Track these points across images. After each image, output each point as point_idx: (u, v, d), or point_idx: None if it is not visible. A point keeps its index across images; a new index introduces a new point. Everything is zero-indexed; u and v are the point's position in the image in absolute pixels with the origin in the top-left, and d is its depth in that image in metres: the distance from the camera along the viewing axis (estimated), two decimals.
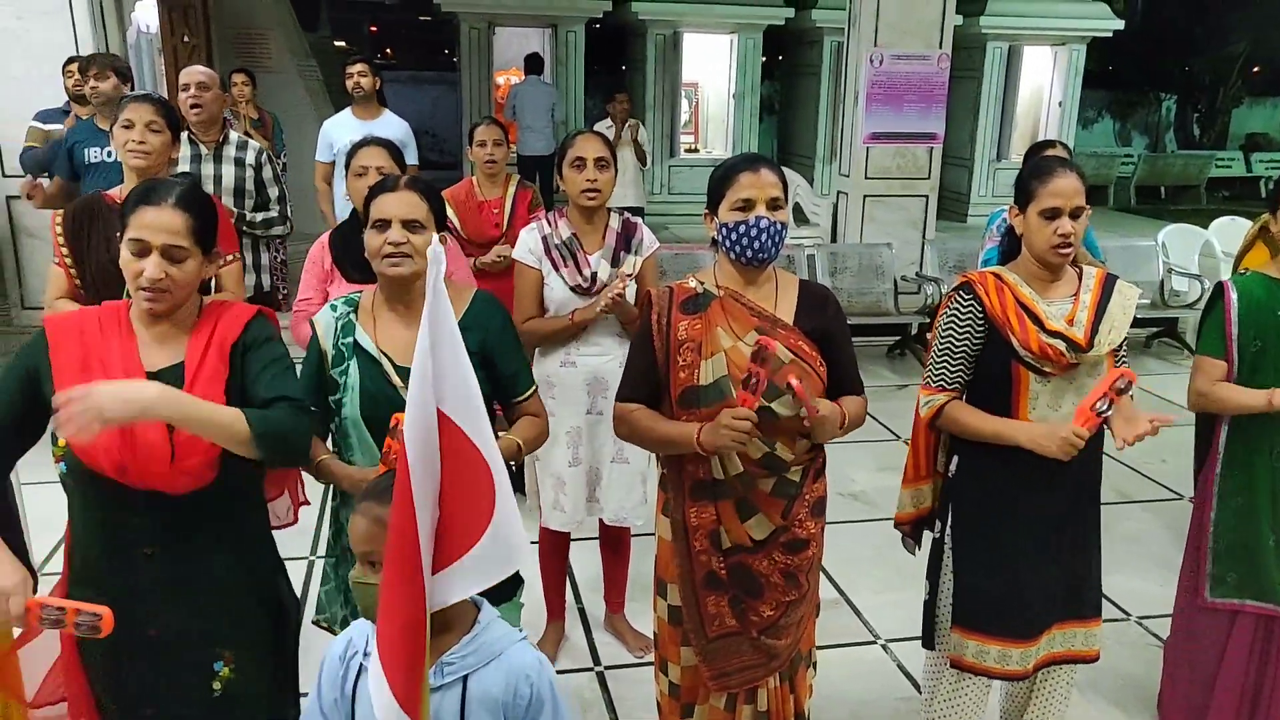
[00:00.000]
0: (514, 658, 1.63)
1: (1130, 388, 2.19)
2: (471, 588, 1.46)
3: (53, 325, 1.91)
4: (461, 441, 1.39)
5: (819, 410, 2.05)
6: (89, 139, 4.31)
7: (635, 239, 3.05)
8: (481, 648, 1.60)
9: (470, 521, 1.41)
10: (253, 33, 9.05)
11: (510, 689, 1.60)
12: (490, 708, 1.59)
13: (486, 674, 1.59)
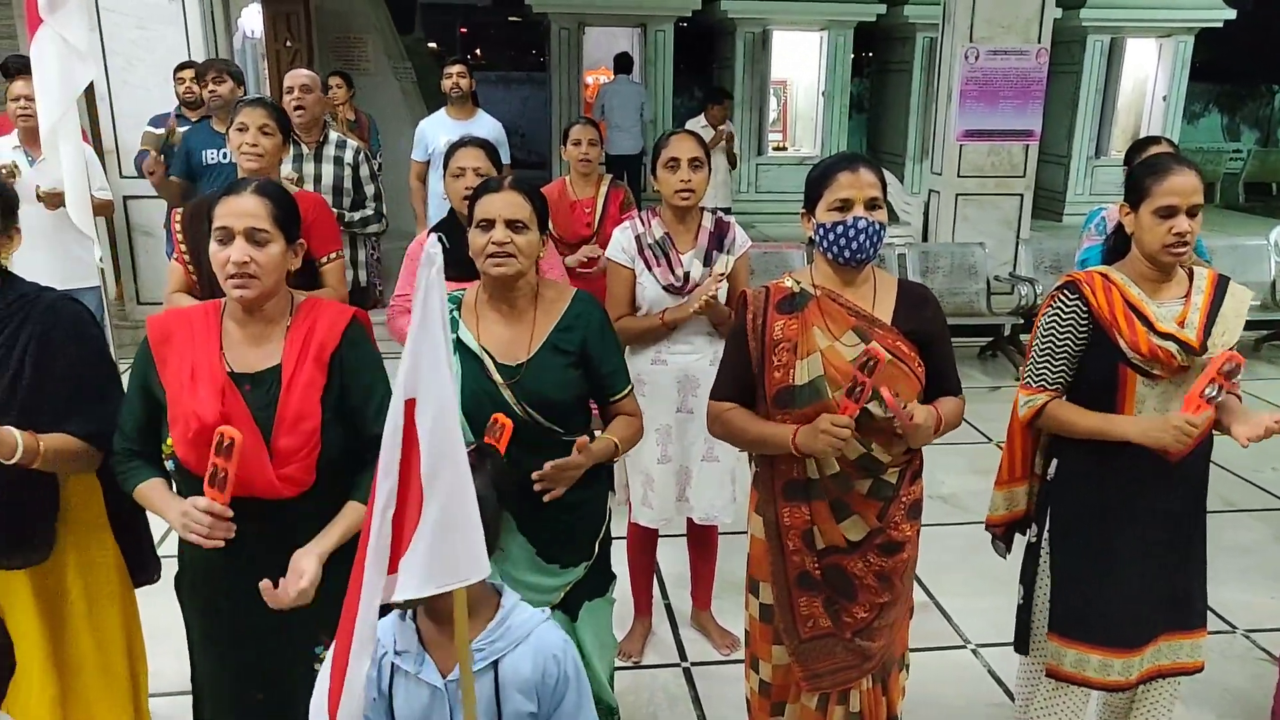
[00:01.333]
0: (541, 638, 1.66)
1: (1239, 370, 2.12)
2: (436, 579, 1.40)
3: (152, 329, 1.99)
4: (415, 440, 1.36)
5: (912, 417, 2.03)
6: (206, 141, 4.49)
7: (728, 238, 3.05)
8: (509, 631, 1.63)
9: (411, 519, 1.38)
10: (351, 36, 9.31)
11: (539, 669, 1.63)
12: (523, 689, 1.63)
13: (516, 656, 1.63)
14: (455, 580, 1.40)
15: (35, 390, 1.97)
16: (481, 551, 1.41)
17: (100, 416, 2.02)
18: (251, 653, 2.01)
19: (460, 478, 1.37)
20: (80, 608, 2.12)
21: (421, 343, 1.34)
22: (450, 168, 2.95)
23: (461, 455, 1.38)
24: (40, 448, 1.92)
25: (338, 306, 2.09)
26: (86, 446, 2.00)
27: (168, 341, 1.96)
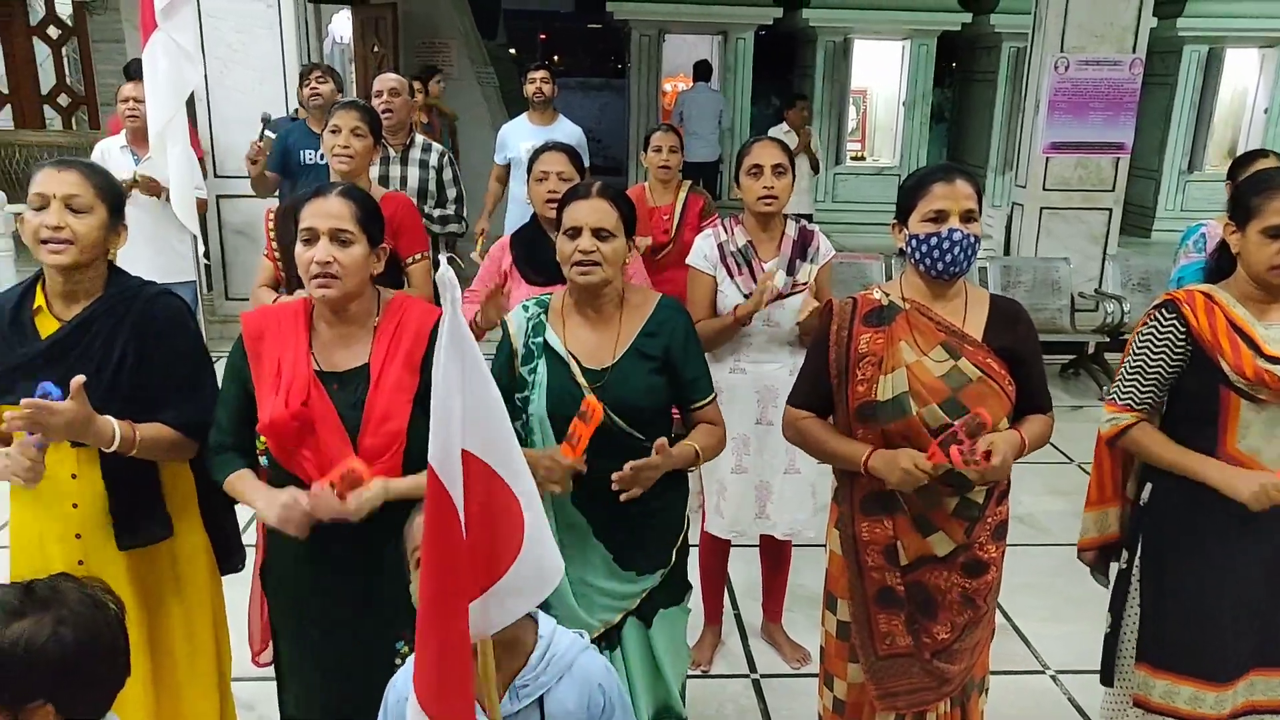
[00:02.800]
0: (584, 667, 1.62)
1: None
2: (510, 612, 1.47)
3: (246, 325, 2.05)
4: (490, 478, 1.40)
5: (989, 457, 1.98)
6: (304, 141, 4.59)
7: (812, 247, 3.02)
8: (552, 663, 1.59)
9: (504, 547, 1.43)
10: (436, 42, 9.48)
11: (584, 699, 1.60)
12: (566, 713, 1.59)
13: (560, 689, 1.59)
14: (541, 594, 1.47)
15: (136, 381, 2.03)
16: (554, 563, 1.47)
17: (195, 407, 2.07)
18: (335, 646, 2.05)
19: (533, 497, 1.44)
20: (173, 592, 2.19)
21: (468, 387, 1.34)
22: (534, 172, 2.98)
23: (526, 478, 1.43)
24: (136, 437, 1.98)
25: (425, 306, 2.12)
26: (181, 436, 2.06)
27: (260, 338, 2.01)
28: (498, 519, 1.42)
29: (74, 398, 1.86)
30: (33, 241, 1.98)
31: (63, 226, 1.96)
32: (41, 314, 2.04)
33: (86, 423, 1.90)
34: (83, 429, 1.90)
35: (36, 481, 1.92)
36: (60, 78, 7.68)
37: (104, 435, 1.94)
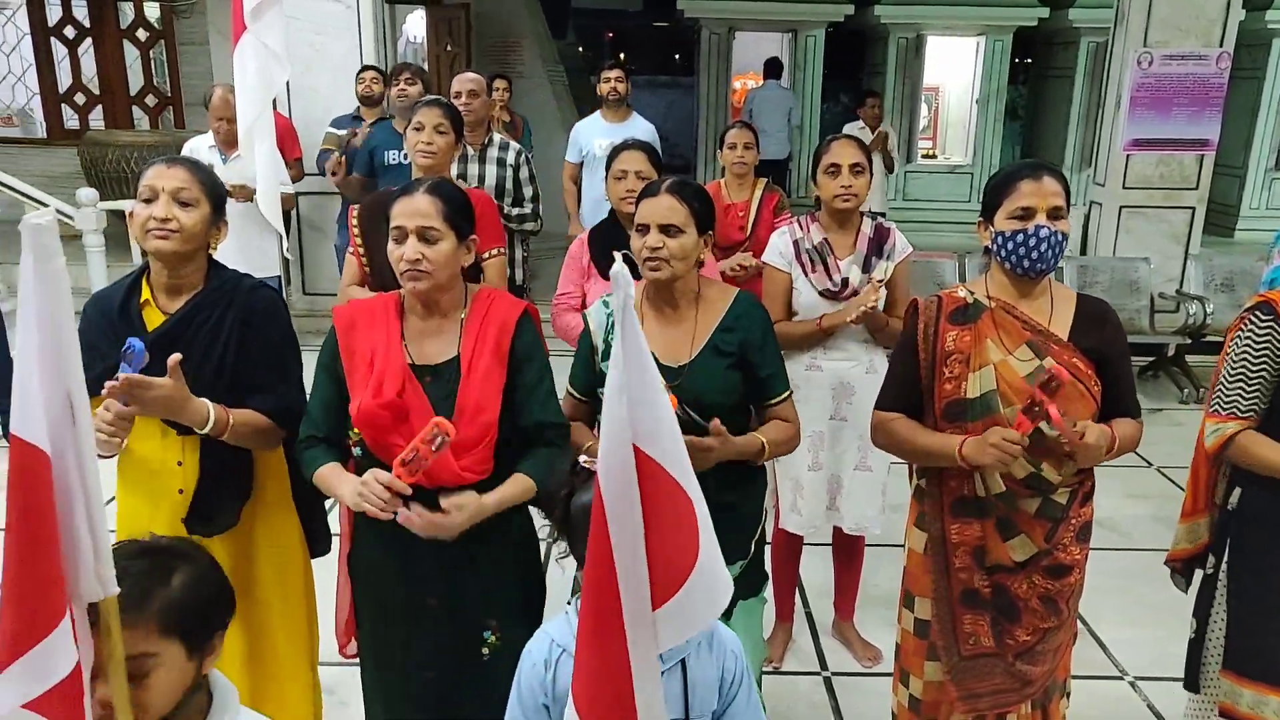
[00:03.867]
0: (718, 635, 1.68)
1: None
2: (688, 629, 1.38)
3: (338, 319, 2.10)
4: (663, 478, 1.31)
5: (1082, 436, 1.95)
6: (388, 142, 4.69)
7: (888, 244, 3.01)
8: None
9: (678, 560, 1.33)
10: (508, 41, 9.59)
11: (719, 665, 1.65)
12: (708, 686, 1.64)
13: (700, 656, 1.65)
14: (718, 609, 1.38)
15: (235, 369, 2.11)
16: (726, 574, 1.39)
17: (284, 394, 2.14)
18: (422, 634, 2.09)
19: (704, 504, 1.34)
20: (268, 575, 2.27)
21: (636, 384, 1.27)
22: (613, 170, 3.01)
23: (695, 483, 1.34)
24: (230, 420, 2.04)
25: (510, 299, 2.16)
26: (271, 423, 2.13)
27: (353, 329, 2.07)
28: (671, 526, 1.32)
29: (171, 375, 1.92)
30: (140, 232, 2.07)
31: (170, 219, 2.05)
32: (148, 307, 2.13)
33: (182, 402, 1.96)
34: (178, 408, 1.96)
35: (114, 451, 1.97)
36: (148, 79, 7.95)
37: (198, 416, 1.99)
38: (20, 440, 1.20)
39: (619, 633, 1.31)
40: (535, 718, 1.67)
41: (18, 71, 8.30)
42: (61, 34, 7.76)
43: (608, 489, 1.29)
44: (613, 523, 1.29)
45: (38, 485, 1.21)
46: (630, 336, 1.26)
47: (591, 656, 1.34)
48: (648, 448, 1.29)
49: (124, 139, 7.21)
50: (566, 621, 1.69)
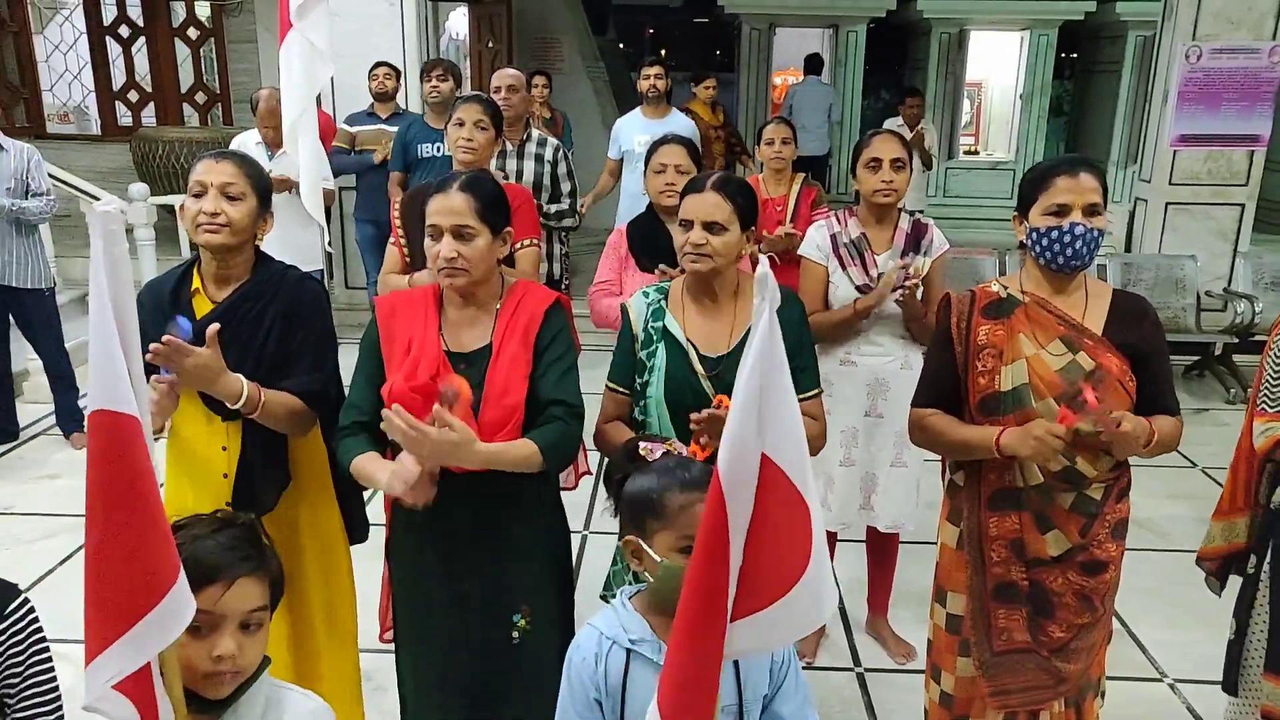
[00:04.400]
0: None
1: None
2: (779, 639, 1.38)
3: (379, 308, 2.15)
4: (784, 485, 1.29)
5: (1120, 425, 1.93)
6: (421, 135, 4.78)
7: (925, 240, 3.00)
8: None
9: (783, 569, 1.31)
10: (549, 38, 9.64)
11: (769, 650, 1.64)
12: (760, 670, 1.65)
13: None
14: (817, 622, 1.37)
15: (275, 357, 2.17)
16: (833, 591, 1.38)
17: (317, 379, 2.19)
18: (456, 618, 2.13)
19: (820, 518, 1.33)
20: (310, 562, 2.32)
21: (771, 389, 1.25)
22: (652, 164, 3.03)
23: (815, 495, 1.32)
24: (261, 398, 2.09)
25: (544, 291, 2.19)
26: (302, 405, 2.17)
27: (393, 317, 2.11)
28: (784, 534, 1.30)
29: (208, 345, 1.97)
30: (191, 226, 2.14)
31: (218, 213, 2.11)
32: (198, 296, 2.20)
33: (218, 373, 2.01)
34: (213, 378, 2.01)
35: (162, 418, 2.04)
36: (198, 77, 8.10)
37: (231, 389, 2.04)
38: (107, 412, 1.25)
39: (719, 634, 1.30)
40: (587, 713, 1.65)
41: (74, 70, 8.50)
42: (116, 33, 7.94)
43: (731, 494, 1.27)
44: (734, 530, 1.27)
45: (135, 450, 1.27)
46: (770, 341, 1.24)
47: (684, 654, 1.32)
48: (775, 456, 1.28)
49: (173, 135, 7.36)
50: (614, 614, 1.68)
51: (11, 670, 1.55)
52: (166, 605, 1.28)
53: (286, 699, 1.53)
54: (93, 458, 1.28)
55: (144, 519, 1.27)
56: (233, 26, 7.83)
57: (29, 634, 1.58)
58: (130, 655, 1.27)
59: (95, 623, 1.29)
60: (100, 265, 1.24)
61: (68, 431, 4.91)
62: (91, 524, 1.28)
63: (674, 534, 1.56)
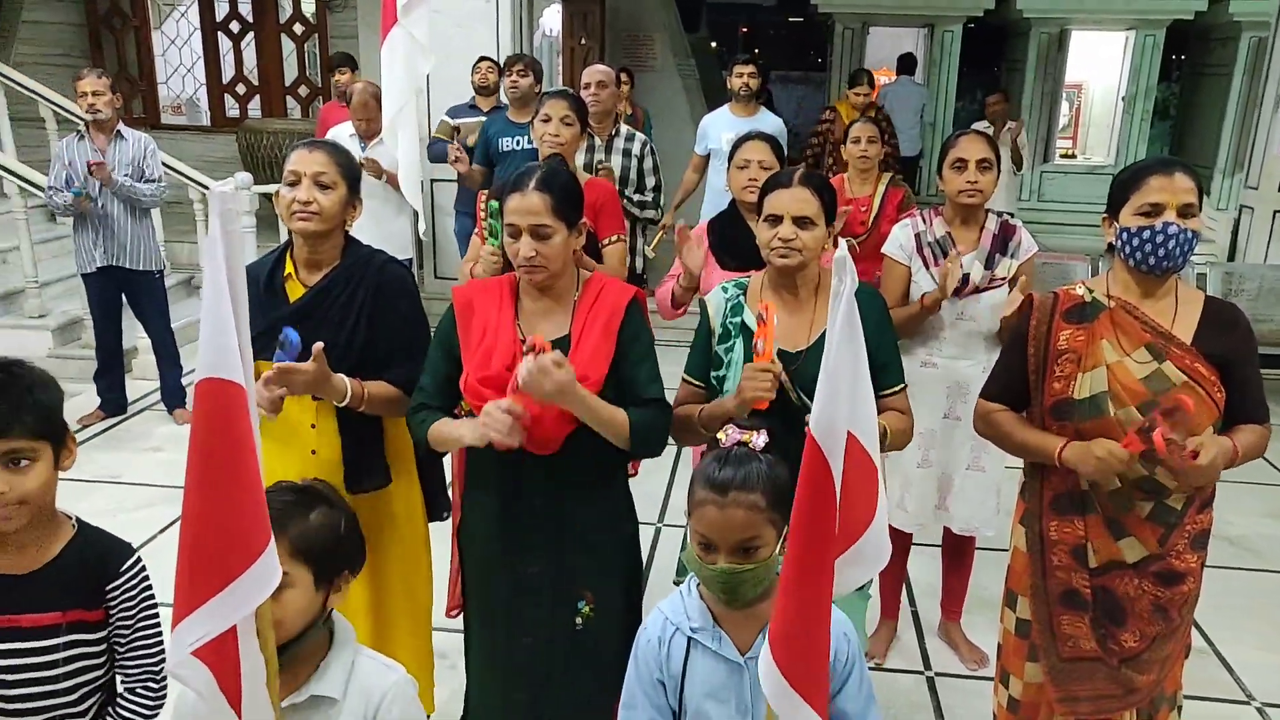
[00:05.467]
0: (834, 617, 1.67)
1: None
2: (860, 576, 1.63)
3: (457, 298, 2.21)
4: (861, 455, 1.52)
5: (1195, 455, 1.87)
6: (503, 130, 4.88)
7: (1013, 242, 2.96)
8: None
9: (860, 517, 1.55)
10: (640, 35, 9.70)
11: (833, 646, 1.65)
12: None
13: None
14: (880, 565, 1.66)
15: (366, 339, 2.27)
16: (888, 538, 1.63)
17: (415, 367, 2.26)
18: (521, 601, 2.17)
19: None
20: (393, 535, 2.42)
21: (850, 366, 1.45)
22: (735, 159, 3.05)
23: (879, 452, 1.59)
24: (365, 393, 2.21)
25: (621, 284, 2.23)
26: (401, 394, 2.27)
27: (470, 307, 2.17)
28: (858, 488, 1.53)
29: (315, 360, 2.09)
30: (285, 213, 2.24)
31: (311, 201, 2.21)
32: (290, 280, 2.31)
33: (324, 381, 2.14)
34: (320, 386, 2.14)
35: (277, 413, 2.15)
36: (301, 70, 8.39)
37: (338, 391, 2.18)
38: (216, 380, 1.33)
39: (825, 592, 1.46)
40: (652, 692, 1.72)
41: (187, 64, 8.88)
42: (227, 28, 8.27)
43: (833, 457, 1.43)
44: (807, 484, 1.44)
45: (239, 418, 1.35)
46: (850, 325, 1.34)
47: (795, 615, 1.45)
48: (858, 431, 1.49)
49: (277, 126, 7.64)
50: (680, 600, 1.73)
51: (123, 623, 1.67)
52: (256, 569, 1.35)
53: (371, 668, 1.62)
54: (197, 424, 1.36)
55: (242, 484, 1.35)
56: (335, 22, 8.08)
57: (140, 590, 1.70)
58: (218, 618, 1.34)
59: (184, 586, 1.36)
60: (218, 241, 1.31)
61: (171, 407, 5.16)
62: (191, 488, 1.36)
63: (693, 526, 1.62)
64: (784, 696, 1.44)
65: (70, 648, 1.63)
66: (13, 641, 1.60)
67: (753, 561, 1.58)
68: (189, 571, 1.36)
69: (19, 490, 1.52)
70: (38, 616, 1.60)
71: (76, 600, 1.63)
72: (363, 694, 1.58)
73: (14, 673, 1.60)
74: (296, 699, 1.55)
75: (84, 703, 1.67)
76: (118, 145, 4.74)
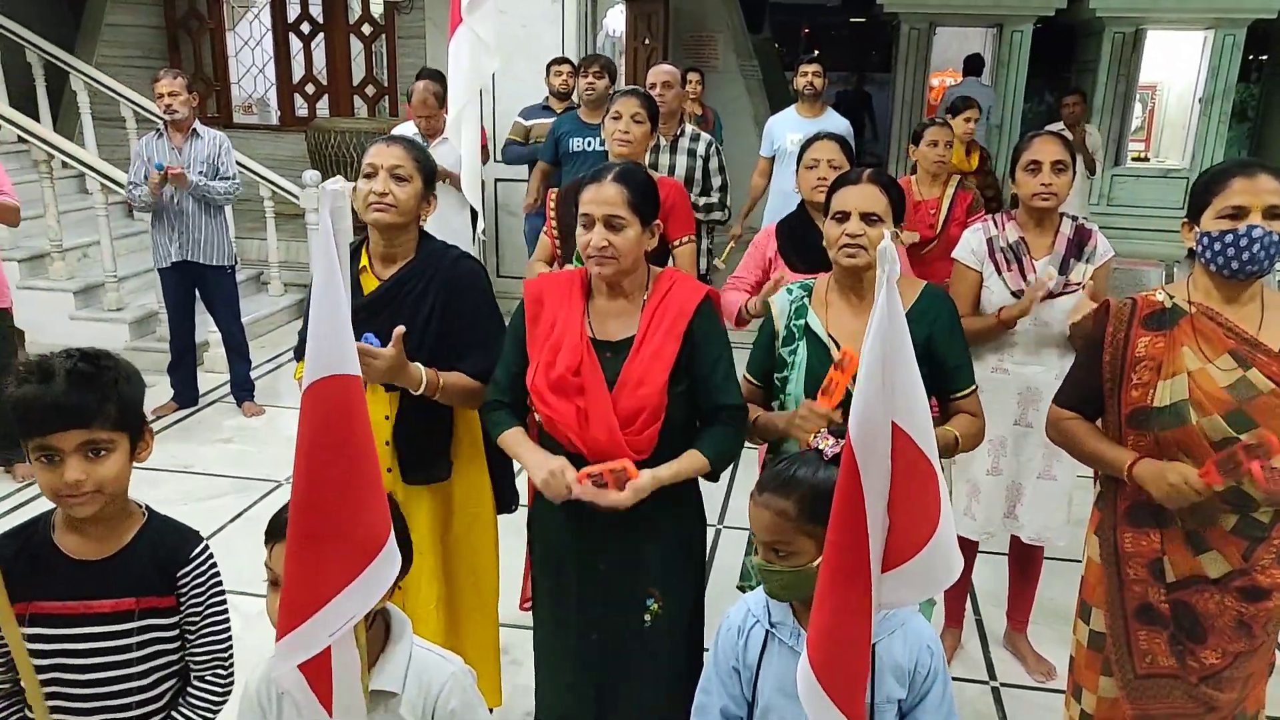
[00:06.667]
0: (916, 629, 1.69)
1: None
2: (917, 593, 1.47)
3: (527, 291, 2.22)
4: (913, 452, 1.39)
5: None
6: (574, 130, 4.90)
7: (1089, 246, 2.89)
8: (889, 618, 1.66)
9: (917, 528, 1.41)
10: (704, 35, 9.69)
11: (913, 657, 1.66)
12: (896, 673, 1.66)
13: (893, 642, 1.66)
14: (948, 580, 1.47)
15: (440, 331, 2.29)
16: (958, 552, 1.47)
17: (488, 358, 2.29)
18: (590, 598, 2.19)
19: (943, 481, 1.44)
20: (462, 526, 2.45)
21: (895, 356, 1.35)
22: (805, 159, 3.02)
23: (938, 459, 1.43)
24: (440, 382, 2.24)
25: (693, 283, 2.22)
26: (477, 384, 2.29)
27: (540, 302, 2.18)
28: (912, 493, 1.40)
29: (394, 345, 2.12)
30: (362, 206, 2.28)
31: (387, 193, 2.25)
32: (365, 273, 2.34)
33: (401, 368, 2.17)
34: (397, 373, 2.17)
35: None
36: (369, 70, 8.52)
37: (414, 379, 2.20)
38: (334, 378, 1.31)
39: (864, 595, 1.38)
40: (728, 679, 1.75)
41: (259, 64, 9.08)
42: (298, 29, 8.43)
43: (863, 459, 1.35)
44: (869, 492, 1.35)
45: (360, 410, 1.33)
46: (892, 315, 1.31)
47: (830, 617, 1.41)
48: (904, 423, 1.37)
49: (344, 125, 7.77)
50: (764, 593, 1.75)
51: (193, 609, 1.71)
52: (380, 562, 1.34)
53: (428, 660, 1.63)
54: (316, 425, 1.31)
55: (364, 477, 1.33)
56: (403, 23, 8.19)
57: (209, 578, 1.73)
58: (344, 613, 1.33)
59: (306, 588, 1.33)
60: (329, 238, 1.31)
61: (240, 400, 5.28)
62: (306, 491, 1.31)
63: (760, 538, 1.63)
64: (816, 699, 1.43)
65: (144, 633, 1.66)
66: (89, 626, 1.64)
67: (782, 565, 1.59)
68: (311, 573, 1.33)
69: (95, 479, 1.56)
70: (113, 602, 1.64)
71: (148, 586, 1.66)
72: (421, 686, 1.59)
73: (90, 656, 1.64)
74: None
75: (158, 687, 1.71)
76: (193, 143, 4.87)
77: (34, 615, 1.63)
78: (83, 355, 1.59)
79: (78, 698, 1.66)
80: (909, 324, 2.17)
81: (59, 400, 1.52)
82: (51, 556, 1.65)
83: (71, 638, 1.63)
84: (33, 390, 1.53)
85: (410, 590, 2.32)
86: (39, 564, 1.64)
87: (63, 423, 1.53)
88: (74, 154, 5.79)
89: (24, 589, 1.62)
